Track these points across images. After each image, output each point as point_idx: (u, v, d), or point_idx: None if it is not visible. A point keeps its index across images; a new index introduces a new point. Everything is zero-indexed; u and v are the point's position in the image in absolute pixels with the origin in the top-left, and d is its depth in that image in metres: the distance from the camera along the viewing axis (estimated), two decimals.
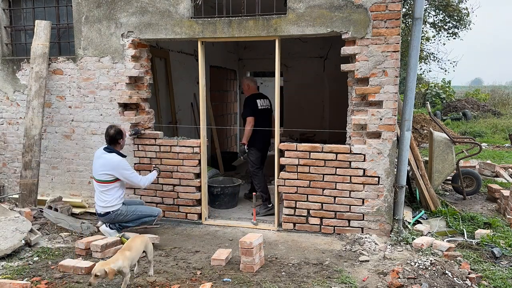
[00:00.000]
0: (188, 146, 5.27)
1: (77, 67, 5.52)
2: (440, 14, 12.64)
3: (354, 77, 4.65)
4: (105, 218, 4.68)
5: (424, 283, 3.47)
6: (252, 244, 3.88)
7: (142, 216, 4.77)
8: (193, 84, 7.95)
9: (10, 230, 4.40)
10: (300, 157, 4.91)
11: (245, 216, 5.57)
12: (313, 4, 4.63)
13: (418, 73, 10.85)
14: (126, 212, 4.69)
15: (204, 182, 5.39)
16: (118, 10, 5.25)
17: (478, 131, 14.32)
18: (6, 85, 5.89)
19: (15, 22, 6.02)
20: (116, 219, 4.68)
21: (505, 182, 7.41)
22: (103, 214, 4.66)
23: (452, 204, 6.00)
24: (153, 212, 4.85)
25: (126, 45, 5.26)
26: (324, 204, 4.90)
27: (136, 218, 4.75)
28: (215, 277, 3.81)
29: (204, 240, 4.84)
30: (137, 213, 4.75)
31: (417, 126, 13.11)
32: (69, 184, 5.80)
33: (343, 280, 3.76)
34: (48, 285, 3.69)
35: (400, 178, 4.80)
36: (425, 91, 21.67)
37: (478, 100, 20.08)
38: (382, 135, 4.63)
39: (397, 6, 4.42)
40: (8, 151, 6.00)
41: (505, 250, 4.39)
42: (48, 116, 5.73)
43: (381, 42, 4.50)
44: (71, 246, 4.60)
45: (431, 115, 6.92)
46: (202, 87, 5.24)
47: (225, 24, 4.91)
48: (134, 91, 5.40)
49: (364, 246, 4.52)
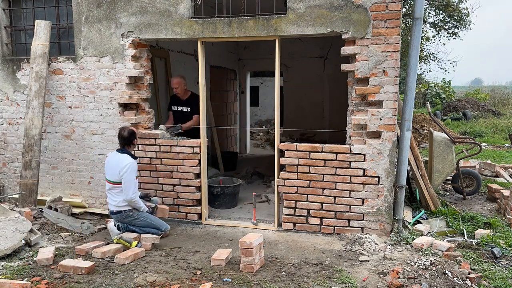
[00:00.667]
0: (188, 146, 5.27)
1: (77, 67, 5.52)
2: (440, 14, 12.63)
3: (354, 77, 4.65)
4: (116, 216, 4.76)
5: (424, 283, 3.47)
6: (252, 244, 3.88)
7: (151, 225, 4.76)
8: (193, 84, 7.94)
9: (10, 230, 4.40)
10: (300, 157, 4.90)
11: (245, 216, 5.57)
12: (313, 4, 4.63)
13: (418, 73, 10.85)
14: (137, 216, 4.73)
15: (204, 182, 5.38)
16: (118, 10, 5.25)
17: (478, 131, 14.32)
18: (6, 85, 5.89)
19: (15, 22, 6.02)
20: (126, 219, 4.73)
21: (505, 182, 7.40)
22: (115, 212, 4.74)
23: (452, 204, 6.00)
24: (161, 226, 4.81)
25: (126, 45, 5.26)
26: (324, 204, 4.90)
27: (145, 225, 4.75)
28: (215, 277, 3.81)
29: (204, 240, 4.84)
30: (147, 220, 4.76)
31: (417, 126, 13.11)
32: (69, 184, 5.80)
33: (343, 280, 3.76)
34: (48, 285, 3.68)
35: (400, 178, 4.80)
36: (425, 91, 21.68)
37: (478, 100, 20.09)
38: (382, 135, 4.63)
39: (397, 6, 4.41)
40: (8, 151, 6.00)
41: (505, 250, 4.39)
42: (48, 116, 5.73)
43: (381, 42, 4.50)
44: (71, 246, 4.61)
45: (431, 115, 6.92)
46: (202, 87, 5.24)
47: (225, 24, 4.91)
48: (134, 91, 5.40)
49: (364, 246, 4.51)
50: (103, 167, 5.56)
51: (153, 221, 4.79)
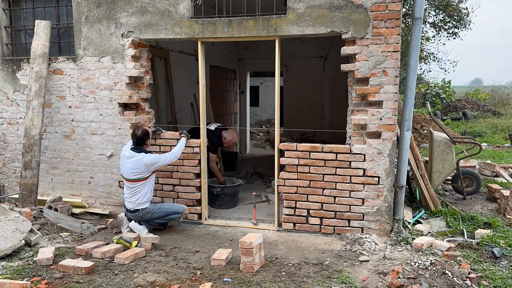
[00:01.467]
0: (188, 146, 5.27)
1: (77, 67, 5.52)
2: (440, 14, 12.63)
3: (354, 77, 4.65)
4: (134, 215, 4.84)
5: (424, 283, 3.47)
6: (252, 244, 3.88)
7: (169, 213, 4.95)
8: (193, 84, 7.95)
9: (10, 230, 4.40)
10: (300, 157, 4.90)
11: (245, 216, 5.57)
12: (313, 4, 4.63)
13: (418, 73, 10.84)
14: (153, 210, 4.87)
15: (204, 182, 5.39)
16: (118, 10, 5.25)
17: (478, 131, 14.33)
18: (6, 85, 5.89)
19: (15, 22, 6.02)
20: (144, 217, 4.84)
21: (505, 182, 7.40)
22: (133, 211, 4.82)
23: (452, 204, 6.00)
24: (179, 209, 5.01)
25: (126, 45, 5.26)
26: (324, 204, 4.90)
27: (164, 215, 4.92)
28: (215, 277, 3.81)
29: (204, 240, 4.84)
30: (164, 210, 4.93)
31: (417, 126, 13.11)
32: (69, 184, 5.80)
33: (343, 280, 3.76)
34: (48, 285, 3.68)
35: (400, 178, 4.80)
36: (425, 91, 21.68)
37: (478, 100, 20.09)
38: (382, 135, 4.63)
39: (397, 6, 4.41)
40: (8, 151, 6.00)
41: (505, 250, 4.39)
42: (48, 116, 5.73)
43: (381, 42, 4.50)
44: (71, 246, 4.61)
45: (431, 115, 6.92)
46: (202, 87, 5.24)
47: (225, 24, 4.91)
48: (134, 91, 5.40)
49: (364, 246, 4.51)
50: (103, 167, 5.59)
51: (170, 208, 4.98)
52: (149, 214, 4.85)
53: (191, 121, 7.89)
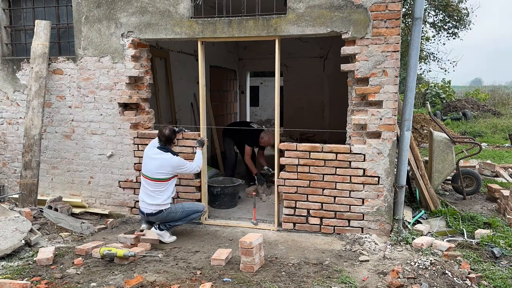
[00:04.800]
0: (188, 146, 5.27)
1: (77, 67, 5.52)
2: (440, 14, 12.62)
3: (354, 77, 4.65)
4: (157, 217, 4.69)
5: (424, 283, 3.47)
6: (252, 244, 3.88)
7: (191, 212, 4.85)
8: (193, 84, 7.94)
9: (10, 230, 4.40)
10: (300, 157, 4.91)
11: (245, 216, 5.57)
12: (313, 4, 4.63)
13: (418, 73, 10.86)
14: (176, 209, 4.76)
15: (204, 182, 5.39)
16: (118, 10, 5.25)
17: (478, 131, 14.32)
18: (6, 85, 5.89)
19: (15, 22, 6.02)
20: (168, 217, 4.71)
21: (505, 182, 7.40)
22: (155, 213, 4.67)
23: (452, 204, 6.00)
24: (199, 208, 4.94)
25: (126, 45, 5.26)
26: (324, 204, 4.90)
27: (185, 215, 4.82)
28: (215, 277, 3.81)
29: (204, 240, 4.84)
30: (185, 210, 4.82)
31: (417, 126, 13.11)
32: (69, 184, 5.80)
33: (343, 280, 3.76)
34: (48, 285, 3.69)
35: (400, 178, 4.81)
36: (425, 91, 21.67)
37: (478, 100, 20.09)
38: (382, 135, 4.63)
39: (397, 6, 4.42)
40: (8, 151, 6.00)
41: (505, 250, 4.39)
42: (48, 116, 5.73)
43: (381, 42, 4.50)
44: (71, 246, 4.61)
45: (431, 115, 6.92)
46: (202, 87, 5.24)
47: (225, 24, 4.91)
48: (134, 91, 5.40)
49: (364, 246, 4.52)
50: (103, 167, 5.59)
51: (191, 207, 4.87)
52: (172, 213, 4.71)
53: (191, 121, 7.89)
